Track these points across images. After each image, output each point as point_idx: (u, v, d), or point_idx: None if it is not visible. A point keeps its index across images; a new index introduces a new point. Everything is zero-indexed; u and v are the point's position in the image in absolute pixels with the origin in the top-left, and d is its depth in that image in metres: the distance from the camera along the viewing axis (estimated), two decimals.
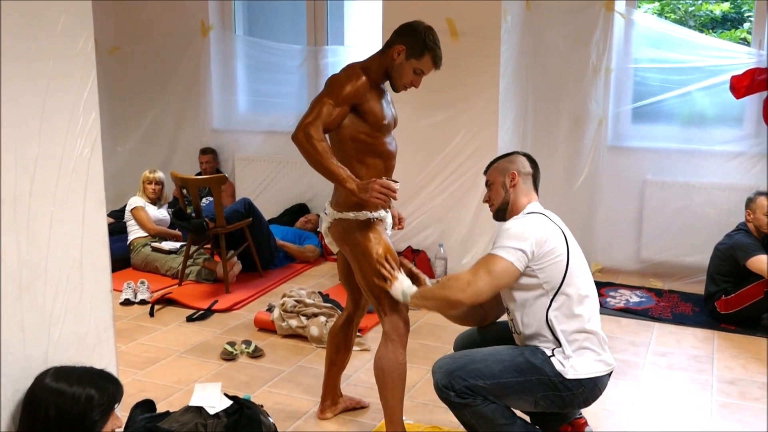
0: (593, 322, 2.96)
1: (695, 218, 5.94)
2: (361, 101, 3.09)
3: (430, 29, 3.14)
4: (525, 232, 2.90)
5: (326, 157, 2.99)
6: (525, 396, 2.94)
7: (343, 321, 3.59)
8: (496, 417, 2.92)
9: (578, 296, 2.93)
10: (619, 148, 6.24)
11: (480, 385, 2.89)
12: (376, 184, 2.95)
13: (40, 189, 2.37)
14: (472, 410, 2.91)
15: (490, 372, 2.91)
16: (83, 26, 2.49)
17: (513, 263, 2.86)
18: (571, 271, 2.92)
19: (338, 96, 3.05)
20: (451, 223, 5.93)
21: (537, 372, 2.91)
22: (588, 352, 2.94)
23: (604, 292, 5.64)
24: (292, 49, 7.29)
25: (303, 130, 2.99)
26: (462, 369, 2.93)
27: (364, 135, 3.13)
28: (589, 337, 2.94)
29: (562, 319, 2.91)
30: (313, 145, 2.97)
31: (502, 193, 3.10)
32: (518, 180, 3.08)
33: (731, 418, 3.74)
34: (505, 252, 2.88)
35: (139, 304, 5.44)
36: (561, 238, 2.94)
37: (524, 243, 2.87)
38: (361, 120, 3.11)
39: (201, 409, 3.02)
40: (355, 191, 2.99)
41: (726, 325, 4.96)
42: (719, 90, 5.77)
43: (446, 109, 5.78)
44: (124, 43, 7.77)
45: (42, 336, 2.43)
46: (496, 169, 3.15)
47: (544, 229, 2.92)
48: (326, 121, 3.02)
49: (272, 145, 7.44)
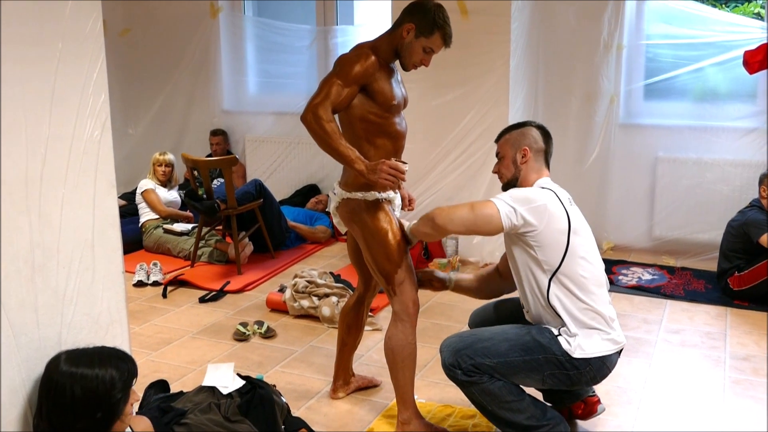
0: (598, 302, 2.95)
1: (708, 195, 5.92)
2: (370, 81, 3.07)
3: (439, 7, 3.12)
4: (529, 198, 2.89)
5: (335, 137, 2.98)
6: (532, 374, 2.95)
7: (354, 301, 3.59)
8: (504, 394, 2.93)
9: (580, 278, 2.91)
10: (631, 125, 6.20)
11: (486, 364, 2.90)
12: (385, 165, 2.94)
13: (51, 171, 2.38)
14: (479, 387, 2.92)
15: (496, 350, 2.92)
16: (92, 7, 2.48)
17: (499, 214, 2.84)
18: (572, 252, 2.90)
19: (347, 76, 3.03)
20: (462, 202, 5.91)
21: (544, 351, 2.91)
22: (595, 331, 2.93)
23: (616, 270, 5.63)
24: (302, 30, 7.27)
25: (312, 111, 2.98)
26: (469, 347, 2.94)
27: (374, 115, 3.12)
28: (595, 317, 2.93)
29: (564, 299, 2.91)
30: (321, 126, 2.96)
31: (512, 169, 3.09)
32: (530, 156, 3.05)
33: (744, 394, 3.74)
34: (498, 202, 2.88)
35: (152, 285, 5.46)
36: (564, 218, 2.91)
37: (522, 206, 2.86)
38: (370, 100, 3.10)
39: (214, 389, 3.04)
40: (363, 172, 2.98)
41: (739, 301, 4.95)
42: (732, 65, 5.73)
43: (456, 87, 5.75)
44: (135, 26, 7.77)
45: (55, 317, 2.44)
46: (507, 141, 3.12)
47: (548, 206, 2.89)
48: (335, 101, 3.01)
49: (282, 126, 7.44)
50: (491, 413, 3.00)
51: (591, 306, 2.92)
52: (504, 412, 2.96)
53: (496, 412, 2.97)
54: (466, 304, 4.86)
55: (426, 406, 3.56)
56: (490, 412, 2.99)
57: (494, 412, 2.97)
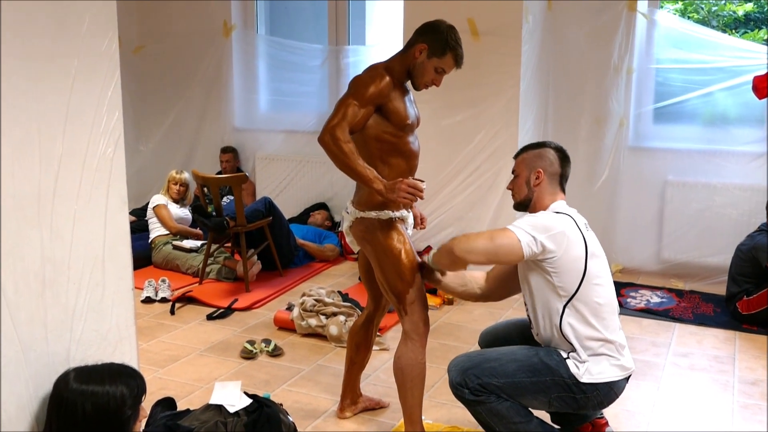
0: (610, 330, 2.94)
1: (716, 219, 5.91)
2: (385, 101, 3.09)
3: (451, 28, 3.14)
4: (547, 225, 2.87)
5: (353, 158, 2.99)
6: (539, 396, 2.94)
7: (363, 320, 3.60)
8: (511, 415, 2.92)
9: (595, 304, 2.91)
10: (641, 148, 6.21)
11: (494, 384, 2.90)
12: (404, 184, 2.95)
13: (64, 187, 2.40)
14: (486, 407, 2.91)
15: (504, 371, 2.91)
16: (108, 26, 2.51)
17: (520, 243, 2.82)
18: (589, 279, 2.89)
19: (363, 97, 3.05)
20: (471, 222, 5.92)
21: (551, 373, 2.90)
22: (604, 357, 2.93)
23: (624, 292, 5.61)
24: (314, 49, 7.32)
25: (329, 132, 2.98)
26: (476, 367, 2.94)
27: (389, 135, 3.13)
28: (605, 344, 2.93)
29: (577, 326, 2.90)
30: (339, 147, 2.97)
31: (525, 190, 3.07)
32: (543, 179, 3.03)
33: (753, 419, 3.71)
34: (518, 231, 2.85)
35: (159, 302, 5.47)
36: (581, 244, 2.90)
37: (541, 234, 2.84)
38: (385, 120, 3.11)
39: (221, 407, 3.05)
40: (382, 192, 2.99)
41: (748, 325, 4.93)
42: (742, 90, 5.74)
43: (467, 108, 5.77)
44: (148, 43, 7.83)
45: (64, 333, 2.45)
46: (524, 161, 3.10)
47: (566, 232, 2.88)
48: (352, 122, 3.02)
49: (293, 145, 7.47)
50: None
51: (603, 334, 2.91)
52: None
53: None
54: (474, 324, 4.88)
55: (433, 427, 3.54)
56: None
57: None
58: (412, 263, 3.20)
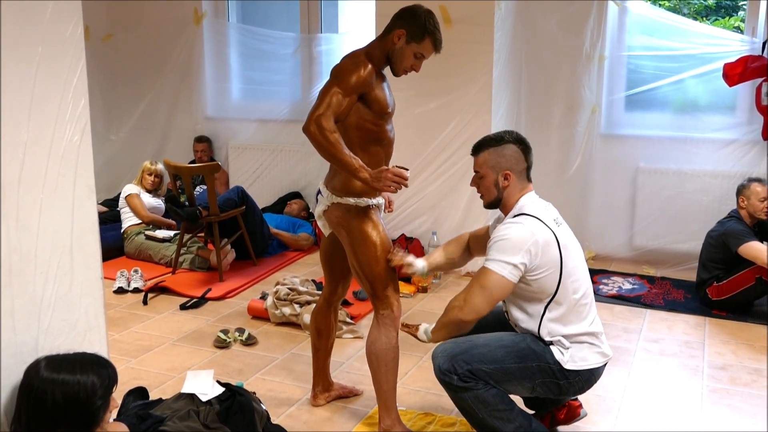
0: (589, 323, 2.98)
1: (688, 205, 5.97)
2: (368, 90, 3.08)
3: (429, 13, 3.14)
4: (517, 244, 2.86)
5: (339, 148, 2.97)
6: (524, 382, 2.96)
7: (322, 304, 3.60)
8: (497, 402, 2.93)
9: (573, 301, 2.94)
10: (612, 135, 6.24)
11: (483, 370, 2.91)
12: (389, 173, 2.95)
13: (30, 175, 2.37)
14: (473, 394, 2.92)
15: (492, 357, 2.93)
16: (72, 12, 2.48)
17: (506, 277, 2.85)
18: (566, 277, 2.91)
19: (347, 85, 3.03)
20: (444, 210, 5.93)
21: (538, 358, 2.93)
22: (585, 345, 2.97)
23: (597, 279, 5.65)
24: (286, 37, 7.26)
25: (315, 122, 2.97)
26: (465, 353, 2.94)
27: (369, 123, 3.13)
28: (586, 335, 2.98)
29: (557, 325, 2.94)
30: (325, 137, 2.96)
31: (494, 192, 3.05)
32: (512, 179, 3.01)
33: (721, 403, 3.76)
34: (497, 266, 2.86)
35: (132, 292, 5.43)
36: (554, 246, 2.90)
37: (516, 257, 2.84)
38: (366, 108, 3.10)
39: (193, 396, 3.03)
40: (368, 180, 2.98)
41: (717, 311, 4.98)
42: (712, 77, 5.78)
43: (439, 96, 5.77)
44: (117, 31, 7.73)
45: (32, 323, 2.43)
46: (487, 162, 3.04)
47: (538, 239, 2.87)
48: (337, 111, 3.01)
49: (266, 133, 7.42)
50: (481, 421, 2.98)
51: (582, 329, 2.95)
52: (494, 420, 2.95)
53: (486, 420, 2.96)
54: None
55: (406, 414, 3.55)
56: (480, 420, 2.98)
57: (484, 420, 2.96)
58: (386, 250, 3.21)
